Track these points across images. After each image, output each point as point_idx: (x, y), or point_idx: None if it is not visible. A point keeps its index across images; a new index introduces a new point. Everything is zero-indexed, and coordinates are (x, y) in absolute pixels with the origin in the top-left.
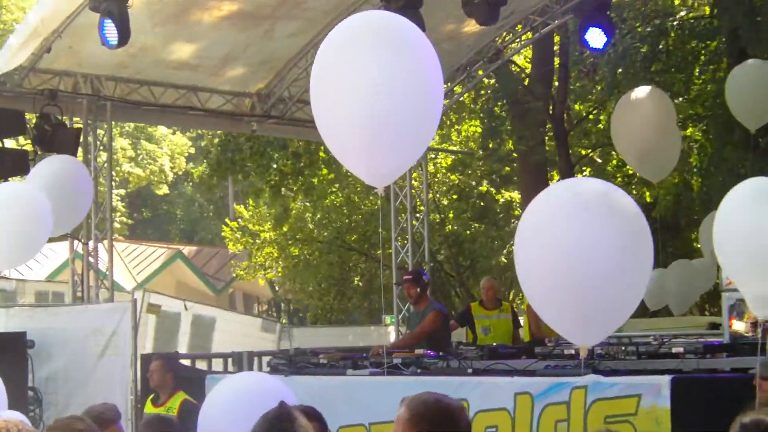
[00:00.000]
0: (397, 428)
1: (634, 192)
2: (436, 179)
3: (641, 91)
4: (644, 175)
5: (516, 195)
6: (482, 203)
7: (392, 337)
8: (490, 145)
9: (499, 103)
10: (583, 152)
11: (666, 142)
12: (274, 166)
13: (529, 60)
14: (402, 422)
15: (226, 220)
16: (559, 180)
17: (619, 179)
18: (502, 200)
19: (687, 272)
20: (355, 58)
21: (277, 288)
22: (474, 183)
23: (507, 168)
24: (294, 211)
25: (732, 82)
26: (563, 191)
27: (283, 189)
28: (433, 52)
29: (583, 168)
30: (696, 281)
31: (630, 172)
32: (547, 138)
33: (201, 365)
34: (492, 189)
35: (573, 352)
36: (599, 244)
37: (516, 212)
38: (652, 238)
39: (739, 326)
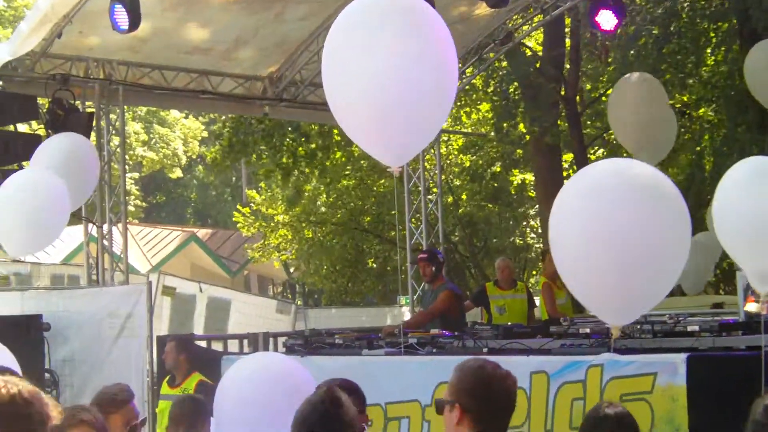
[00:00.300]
0: (446, 390)
1: None
2: (449, 161)
3: (632, 79)
4: (642, 160)
5: (529, 176)
6: (495, 184)
7: (406, 317)
8: (505, 126)
9: (511, 87)
10: (596, 132)
11: (660, 127)
12: (284, 147)
13: (540, 42)
14: (449, 385)
15: (238, 206)
16: (572, 161)
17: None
18: (515, 182)
19: (696, 249)
20: (367, 37)
21: (291, 270)
22: (486, 164)
23: (519, 151)
24: (307, 193)
25: (750, 60)
26: (597, 170)
27: (295, 171)
28: (447, 30)
29: (596, 148)
30: (706, 256)
31: None
32: (559, 120)
33: (216, 346)
34: (504, 171)
35: (588, 330)
36: (634, 222)
37: (531, 194)
38: (690, 218)
39: (752, 307)
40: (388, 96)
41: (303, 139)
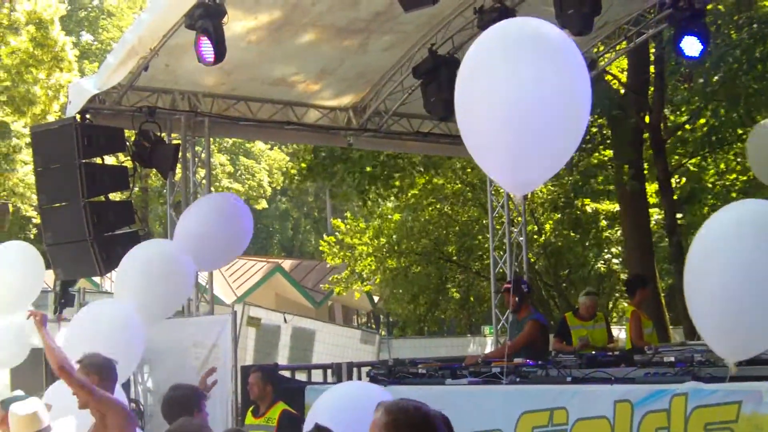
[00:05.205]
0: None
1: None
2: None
3: None
4: None
5: (607, 205)
6: (578, 212)
7: (489, 348)
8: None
9: (594, 116)
10: (681, 160)
11: None
12: (366, 169)
13: (624, 70)
14: (379, 427)
15: (324, 236)
16: (656, 189)
17: (718, 188)
18: (599, 209)
19: None
20: (501, 64)
21: (375, 299)
22: (566, 194)
23: (600, 178)
24: (390, 223)
25: None
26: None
27: (372, 194)
28: (582, 60)
29: (681, 177)
30: None
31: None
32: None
33: (300, 377)
34: (586, 200)
35: (672, 359)
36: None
37: (617, 226)
38: None
39: None
40: (520, 124)
41: (381, 164)
